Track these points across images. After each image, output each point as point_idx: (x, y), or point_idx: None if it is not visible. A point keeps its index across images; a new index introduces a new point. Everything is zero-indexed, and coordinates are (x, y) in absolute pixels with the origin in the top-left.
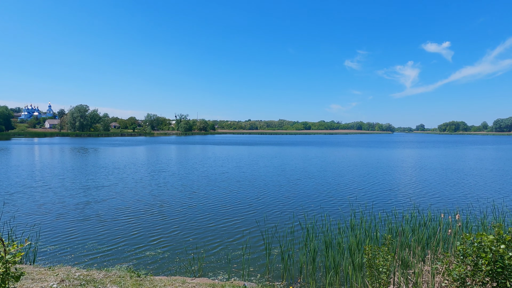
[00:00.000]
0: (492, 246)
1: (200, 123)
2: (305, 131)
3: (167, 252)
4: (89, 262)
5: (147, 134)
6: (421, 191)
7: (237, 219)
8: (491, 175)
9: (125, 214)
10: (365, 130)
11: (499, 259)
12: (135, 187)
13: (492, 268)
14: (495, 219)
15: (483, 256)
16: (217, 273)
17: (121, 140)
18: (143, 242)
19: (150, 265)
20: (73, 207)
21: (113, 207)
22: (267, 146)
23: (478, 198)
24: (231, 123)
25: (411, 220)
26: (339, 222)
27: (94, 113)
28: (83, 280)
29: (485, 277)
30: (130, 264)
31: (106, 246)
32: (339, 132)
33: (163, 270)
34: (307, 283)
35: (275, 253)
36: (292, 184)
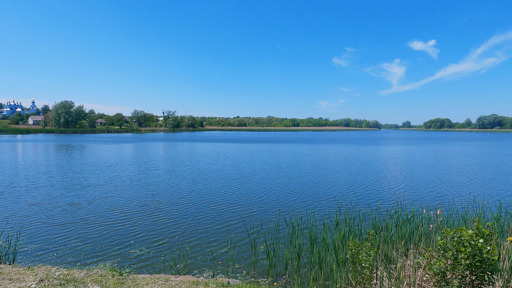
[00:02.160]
0: (471, 241)
1: (188, 120)
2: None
3: (152, 250)
4: (72, 261)
5: (134, 131)
6: (405, 187)
7: (223, 216)
8: (473, 171)
9: (110, 212)
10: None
11: (478, 253)
12: (120, 185)
13: (471, 262)
14: (476, 214)
15: (462, 250)
16: (203, 271)
17: (107, 137)
18: (127, 240)
19: (134, 264)
20: (56, 206)
21: (97, 206)
22: (255, 144)
23: (460, 193)
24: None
25: (394, 215)
26: (324, 218)
27: (79, 109)
28: (63, 280)
29: (465, 271)
30: (114, 262)
31: (90, 245)
32: (327, 129)
33: (147, 268)
34: (292, 279)
35: (261, 249)
36: (277, 181)
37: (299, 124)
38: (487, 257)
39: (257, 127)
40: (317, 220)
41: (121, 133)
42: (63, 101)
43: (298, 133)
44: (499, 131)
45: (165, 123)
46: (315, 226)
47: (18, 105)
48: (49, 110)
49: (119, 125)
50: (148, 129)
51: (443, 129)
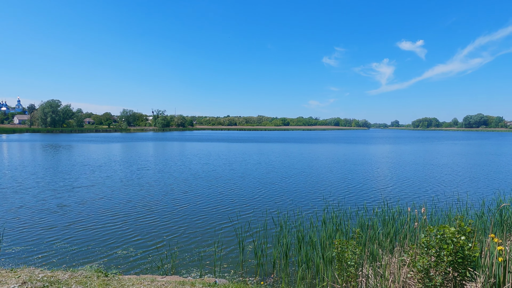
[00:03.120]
0: (454, 238)
1: (178, 119)
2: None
3: (139, 251)
4: (57, 263)
5: (123, 130)
6: (392, 185)
7: (211, 216)
8: (457, 170)
9: (98, 214)
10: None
11: (460, 250)
12: (107, 185)
13: (454, 258)
14: (460, 212)
15: (445, 248)
16: (190, 271)
17: (95, 137)
18: (115, 241)
19: (121, 265)
20: (43, 208)
21: (85, 207)
22: (245, 143)
23: (445, 192)
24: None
25: (381, 214)
26: (312, 218)
27: (66, 108)
28: (46, 282)
29: (447, 267)
30: (101, 264)
31: (77, 247)
32: (317, 128)
33: (134, 269)
34: (280, 278)
35: (249, 249)
36: (266, 181)
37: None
38: (469, 254)
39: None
40: (305, 219)
41: (110, 132)
42: (49, 100)
43: (288, 133)
44: (485, 130)
45: (154, 122)
46: (302, 225)
47: (3, 104)
48: (36, 109)
49: (107, 125)
50: (137, 128)
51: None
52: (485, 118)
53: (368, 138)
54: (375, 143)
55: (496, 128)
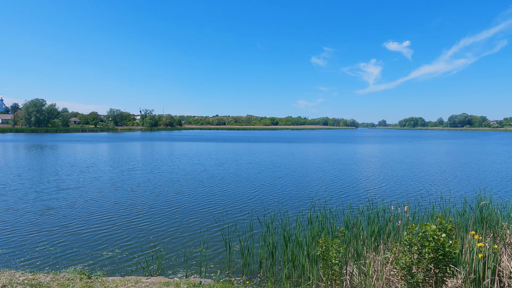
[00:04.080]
0: (435, 235)
1: (166, 119)
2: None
3: (125, 252)
4: (40, 266)
5: (110, 130)
6: (377, 184)
7: (198, 217)
8: (441, 169)
9: (83, 215)
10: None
11: (441, 247)
12: (95, 187)
13: (435, 255)
14: (442, 210)
15: (426, 245)
16: (177, 271)
17: (82, 137)
18: (100, 243)
19: (106, 266)
20: (27, 210)
21: (70, 209)
22: (233, 143)
23: (429, 190)
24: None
25: (366, 212)
26: (298, 217)
27: (51, 107)
28: (27, 285)
29: (429, 264)
30: (85, 266)
31: (61, 249)
32: (305, 128)
33: (119, 270)
34: (266, 277)
35: (236, 249)
36: (253, 181)
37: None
38: (449, 250)
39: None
40: (291, 218)
41: (97, 132)
42: (34, 99)
43: (277, 132)
44: (469, 129)
45: (142, 122)
46: (288, 225)
47: None
48: (19, 108)
49: (94, 124)
50: (125, 128)
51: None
52: (469, 118)
53: (356, 137)
54: (363, 143)
55: (480, 127)
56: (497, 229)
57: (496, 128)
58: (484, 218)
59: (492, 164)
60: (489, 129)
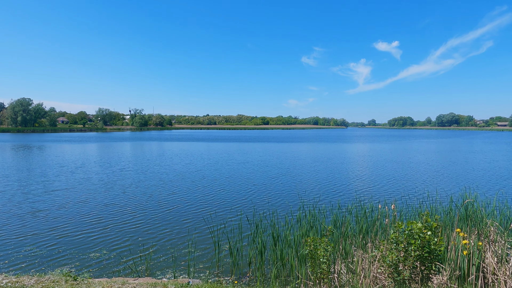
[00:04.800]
0: (421, 233)
1: (156, 118)
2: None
3: (113, 253)
4: (26, 268)
5: (99, 130)
6: (366, 183)
7: (187, 217)
8: (428, 167)
9: (71, 216)
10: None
11: (426, 245)
12: (83, 188)
13: (420, 253)
14: (429, 208)
15: (412, 243)
16: (165, 272)
17: (70, 136)
18: (87, 244)
19: (93, 268)
20: (15, 212)
21: (57, 209)
22: (224, 143)
23: (416, 189)
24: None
25: (354, 211)
26: (287, 216)
27: (38, 107)
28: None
29: (415, 262)
30: (72, 267)
31: (47, 250)
32: (296, 127)
33: (107, 272)
34: (255, 276)
35: (225, 249)
36: (242, 180)
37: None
38: (435, 248)
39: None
40: (281, 217)
41: (85, 132)
42: (20, 98)
43: (268, 132)
44: (456, 128)
45: (132, 121)
46: (278, 224)
47: None
48: (5, 108)
49: (82, 124)
50: (114, 127)
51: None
52: (456, 117)
53: (346, 137)
54: (353, 142)
55: (467, 126)
56: (481, 226)
57: (483, 127)
58: (469, 216)
59: (480, 162)
60: (475, 128)
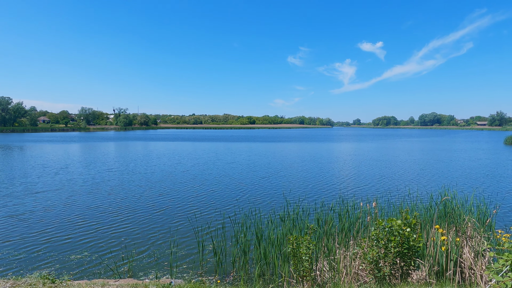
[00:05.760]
0: (400, 230)
1: (141, 118)
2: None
3: (94, 255)
4: (3, 272)
5: (82, 130)
6: (349, 182)
7: (171, 217)
8: (409, 166)
9: (51, 218)
10: (307, 125)
11: (406, 241)
12: (64, 188)
13: (400, 249)
14: (410, 205)
15: (392, 239)
16: (148, 273)
17: (52, 136)
18: (69, 246)
19: (74, 270)
20: None
21: (37, 211)
22: (210, 142)
23: (398, 186)
24: (174, 118)
25: (337, 209)
26: (271, 215)
27: (18, 106)
28: None
29: (395, 258)
30: (52, 270)
31: (27, 253)
32: (282, 127)
33: (87, 274)
34: (239, 276)
35: (209, 248)
36: (227, 180)
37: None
38: (414, 244)
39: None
40: (264, 217)
41: (67, 132)
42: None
43: (255, 131)
44: (438, 128)
45: (116, 121)
46: (262, 223)
47: None
48: None
49: (64, 123)
50: (98, 127)
51: (390, 126)
52: (438, 117)
53: (331, 136)
54: (338, 141)
55: (448, 126)
56: (459, 222)
57: (463, 126)
58: (448, 213)
59: (460, 161)
60: (456, 127)
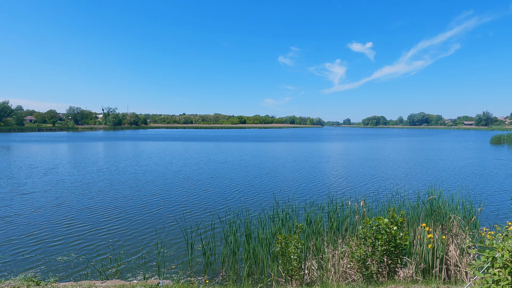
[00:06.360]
0: (387, 228)
1: (131, 117)
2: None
3: (82, 256)
4: None
5: (70, 129)
6: (339, 181)
7: (160, 218)
8: (399, 165)
9: (38, 219)
10: (297, 124)
11: (392, 239)
12: (52, 189)
13: (387, 247)
14: (397, 204)
15: (379, 238)
16: (136, 274)
17: (39, 136)
18: (56, 247)
19: (60, 272)
20: None
21: (24, 212)
22: (201, 142)
23: (386, 186)
24: (164, 117)
25: (326, 208)
26: (260, 214)
27: (4, 105)
28: None
29: (382, 256)
30: (38, 272)
31: (13, 255)
32: (273, 126)
33: (74, 275)
34: (228, 275)
35: (198, 248)
36: (217, 180)
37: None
38: (400, 242)
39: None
40: (254, 216)
41: (55, 131)
42: None
43: (246, 131)
44: (426, 127)
45: (105, 120)
46: (252, 223)
47: None
48: None
49: (52, 123)
50: (86, 127)
51: (379, 126)
52: (426, 117)
53: (322, 136)
54: (328, 141)
55: (436, 125)
56: (445, 220)
57: (451, 126)
58: (434, 211)
59: (447, 160)
60: (444, 127)
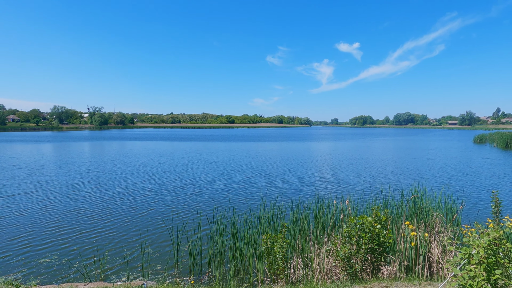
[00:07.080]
0: (371, 227)
1: (117, 117)
2: (229, 125)
3: (65, 258)
4: None
5: (55, 129)
6: (325, 180)
7: (145, 219)
8: (384, 164)
9: (21, 221)
10: (285, 124)
11: (376, 238)
12: (35, 190)
13: (371, 245)
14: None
15: (363, 236)
16: (121, 275)
17: (22, 136)
18: (38, 250)
19: (42, 275)
20: None
21: (6, 212)
22: (189, 142)
23: (371, 185)
24: (152, 117)
25: (312, 207)
26: (246, 214)
27: None
28: None
29: (366, 254)
30: (19, 275)
31: None
32: (261, 126)
33: (56, 278)
34: (214, 275)
35: (184, 249)
36: (203, 180)
37: (234, 121)
38: (384, 240)
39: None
40: (241, 216)
41: (39, 131)
42: None
43: (234, 130)
44: (412, 127)
45: (90, 120)
46: (238, 223)
47: None
48: None
49: (35, 122)
50: (71, 126)
51: (366, 126)
52: (412, 116)
53: (310, 135)
54: (316, 140)
55: (421, 125)
56: (428, 218)
57: (435, 126)
58: (418, 209)
59: (432, 159)
60: (429, 126)
